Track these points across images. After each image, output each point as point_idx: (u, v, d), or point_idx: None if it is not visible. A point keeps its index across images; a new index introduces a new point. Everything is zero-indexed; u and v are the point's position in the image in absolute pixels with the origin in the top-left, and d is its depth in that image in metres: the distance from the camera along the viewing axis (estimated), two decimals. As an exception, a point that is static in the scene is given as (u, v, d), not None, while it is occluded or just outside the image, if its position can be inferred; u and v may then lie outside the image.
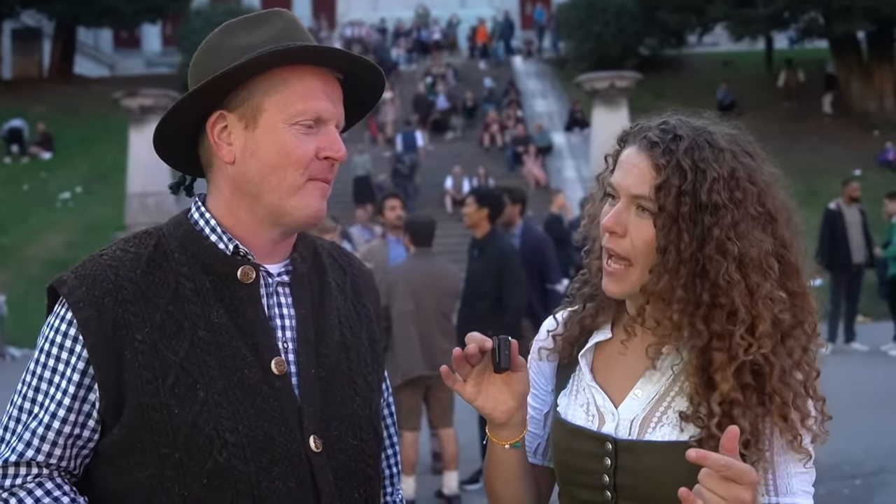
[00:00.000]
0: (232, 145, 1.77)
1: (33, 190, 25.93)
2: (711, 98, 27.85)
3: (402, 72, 33.73)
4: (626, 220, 1.80)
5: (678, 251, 1.74)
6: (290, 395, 1.75)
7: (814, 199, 15.50)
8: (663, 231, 1.75)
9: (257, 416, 1.70)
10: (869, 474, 7.42)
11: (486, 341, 1.78)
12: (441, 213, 21.50)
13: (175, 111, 1.79)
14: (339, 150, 1.78)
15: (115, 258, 1.76)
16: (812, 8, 28.10)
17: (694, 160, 1.75)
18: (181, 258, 1.77)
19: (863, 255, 13.64)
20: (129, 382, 1.67)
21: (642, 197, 1.77)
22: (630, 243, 1.79)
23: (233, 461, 1.67)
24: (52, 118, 29.53)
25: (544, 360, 2.01)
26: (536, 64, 34.80)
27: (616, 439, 1.80)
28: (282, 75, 1.75)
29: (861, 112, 28.70)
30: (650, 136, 1.80)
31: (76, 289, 1.71)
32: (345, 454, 1.80)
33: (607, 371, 1.90)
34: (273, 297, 1.81)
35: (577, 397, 1.91)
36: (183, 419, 1.67)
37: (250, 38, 1.78)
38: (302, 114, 1.75)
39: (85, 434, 1.71)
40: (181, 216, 1.85)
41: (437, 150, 26.74)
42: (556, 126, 27.30)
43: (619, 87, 20.28)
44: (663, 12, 29.97)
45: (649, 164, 1.77)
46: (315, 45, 1.79)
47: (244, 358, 1.73)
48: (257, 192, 1.77)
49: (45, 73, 36.76)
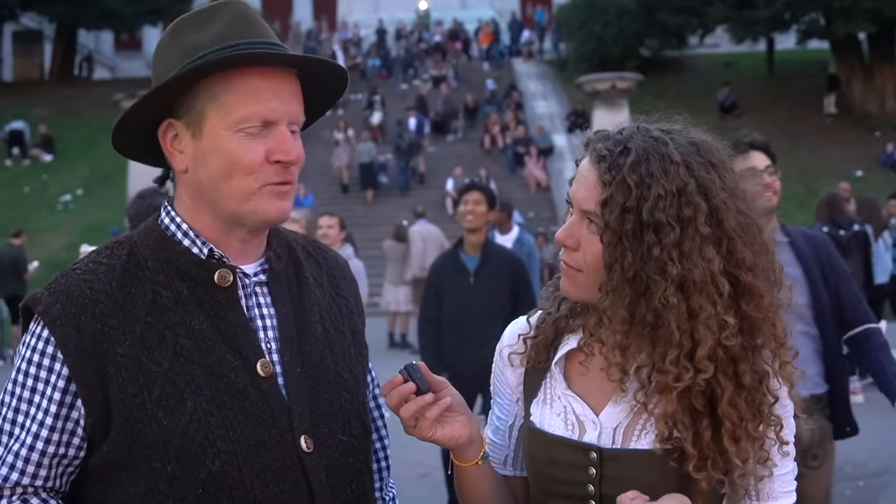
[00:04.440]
0: (183, 153, 1.72)
1: (34, 192, 25.94)
2: (712, 99, 27.87)
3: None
4: (578, 233, 1.76)
5: (622, 269, 1.68)
6: (277, 396, 1.72)
7: (815, 201, 15.45)
8: (608, 248, 1.69)
9: (247, 420, 1.68)
10: (872, 476, 7.41)
11: (395, 378, 1.76)
12: (442, 215, 21.51)
13: (123, 122, 1.75)
14: (289, 153, 1.70)
15: (88, 271, 1.71)
16: (813, 9, 28.09)
17: (640, 175, 1.67)
18: (155, 266, 1.72)
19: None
20: (115, 398, 1.63)
21: (590, 212, 1.73)
22: (582, 257, 1.75)
23: (226, 469, 1.64)
24: (52, 120, 29.55)
25: (513, 367, 1.94)
26: (537, 65, 34.80)
27: (601, 448, 1.76)
28: (224, 80, 1.67)
29: (862, 113, 28.68)
30: (600, 147, 1.73)
31: (51, 306, 1.66)
32: (335, 451, 1.77)
33: (583, 378, 1.84)
34: (252, 298, 1.78)
35: (552, 406, 1.84)
36: (173, 431, 1.63)
37: (198, 36, 1.71)
38: (246, 120, 1.67)
39: (70, 452, 1.67)
40: (151, 223, 1.80)
41: (438, 151, 26.74)
42: (556, 127, 27.30)
43: (619, 89, 20.29)
44: (664, 14, 29.98)
45: (596, 179, 1.72)
46: (252, 49, 1.69)
47: (229, 363, 1.69)
48: (212, 198, 1.72)
49: (45, 76, 36.78)
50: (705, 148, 1.74)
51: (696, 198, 1.67)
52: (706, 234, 1.66)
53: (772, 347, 1.72)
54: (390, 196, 24.58)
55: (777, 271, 1.77)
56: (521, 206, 20.98)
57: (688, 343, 1.66)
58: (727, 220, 1.69)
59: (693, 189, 1.67)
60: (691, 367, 1.66)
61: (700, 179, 1.68)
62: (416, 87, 30.95)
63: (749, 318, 1.70)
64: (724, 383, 1.68)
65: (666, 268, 1.65)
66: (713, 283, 1.66)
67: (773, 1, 26.80)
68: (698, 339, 1.66)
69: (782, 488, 1.77)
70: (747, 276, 1.69)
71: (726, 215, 1.69)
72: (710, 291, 1.66)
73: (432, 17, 39.03)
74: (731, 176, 1.75)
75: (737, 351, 1.68)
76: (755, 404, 1.70)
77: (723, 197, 1.69)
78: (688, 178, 1.68)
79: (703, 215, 1.66)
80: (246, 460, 1.66)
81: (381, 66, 34.67)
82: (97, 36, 42.56)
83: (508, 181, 23.90)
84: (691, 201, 1.66)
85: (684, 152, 1.70)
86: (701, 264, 1.65)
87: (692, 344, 1.66)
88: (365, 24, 39.11)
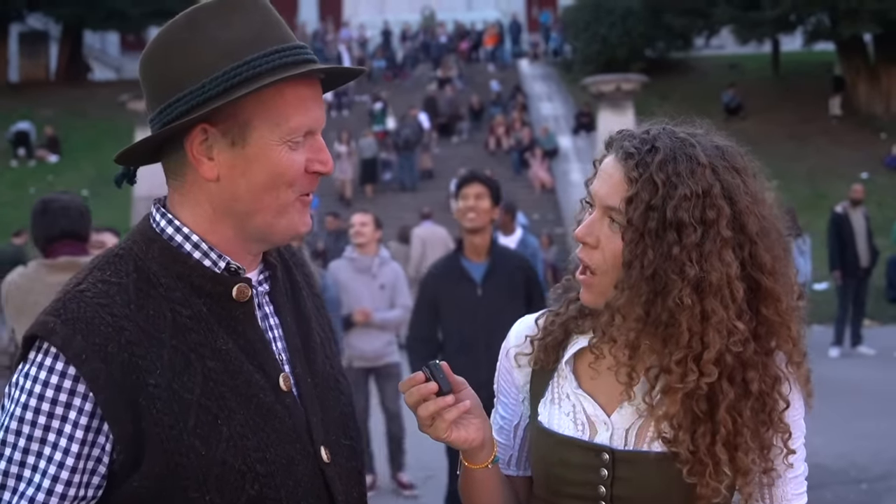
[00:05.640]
0: (214, 160, 1.60)
1: (40, 193, 25.82)
2: (718, 101, 27.84)
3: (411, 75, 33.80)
4: (598, 230, 1.75)
5: (641, 266, 1.67)
6: (297, 409, 1.68)
7: (821, 203, 15.48)
8: (629, 245, 1.69)
9: (279, 439, 1.62)
10: (875, 479, 7.39)
11: (417, 375, 1.74)
12: (447, 217, 21.51)
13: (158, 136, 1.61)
14: (327, 163, 1.66)
15: (100, 293, 1.56)
16: (819, 11, 28.04)
17: (668, 174, 1.67)
18: (168, 283, 1.60)
19: (868, 258, 13.57)
20: (149, 431, 1.52)
21: (613, 209, 1.72)
22: (601, 255, 1.74)
23: (265, 491, 1.59)
24: (58, 121, 29.59)
25: (520, 367, 1.94)
26: (543, 67, 34.78)
27: (614, 450, 1.75)
28: (276, 89, 1.59)
29: (868, 115, 28.63)
30: (627, 146, 1.73)
31: (70, 338, 1.51)
32: (343, 456, 1.75)
33: (593, 379, 1.83)
34: (260, 309, 1.71)
35: (560, 405, 1.84)
36: (212, 459, 1.55)
37: (228, 32, 1.59)
38: (296, 130, 1.61)
39: (89, 493, 1.55)
40: (148, 231, 1.66)
41: (443, 153, 26.74)
42: (562, 129, 27.28)
43: (624, 90, 20.24)
44: (669, 15, 29.93)
45: (622, 176, 1.71)
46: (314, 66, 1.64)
47: (257, 382, 1.62)
48: (248, 211, 1.62)
49: (51, 77, 36.85)
50: (729, 153, 1.75)
51: (720, 201, 1.68)
52: (727, 237, 1.67)
53: (787, 350, 1.73)
54: (392, 194, 24.55)
55: (793, 276, 1.77)
56: (525, 207, 20.96)
57: (697, 346, 1.66)
58: (749, 224, 1.69)
59: (718, 192, 1.68)
60: (696, 370, 1.66)
61: (725, 183, 1.69)
62: (423, 87, 30.94)
63: (767, 322, 1.71)
64: (727, 389, 1.67)
65: (684, 268, 1.65)
66: (728, 288, 1.66)
67: (779, 2, 26.75)
68: (707, 342, 1.66)
69: (795, 490, 1.77)
70: (768, 281, 1.70)
71: (748, 220, 1.69)
72: (725, 295, 1.66)
73: (437, 18, 39.00)
74: (754, 182, 1.75)
75: (747, 357, 1.68)
76: (765, 410, 1.70)
77: (746, 201, 1.70)
78: (713, 181, 1.68)
79: (726, 219, 1.67)
80: (282, 480, 1.61)
81: (387, 67, 34.69)
82: (103, 37, 42.64)
83: (513, 183, 23.85)
84: (715, 204, 1.67)
85: (711, 155, 1.71)
86: (719, 267, 1.66)
87: (701, 347, 1.66)
88: (370, 25, 39.12)
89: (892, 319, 16.55)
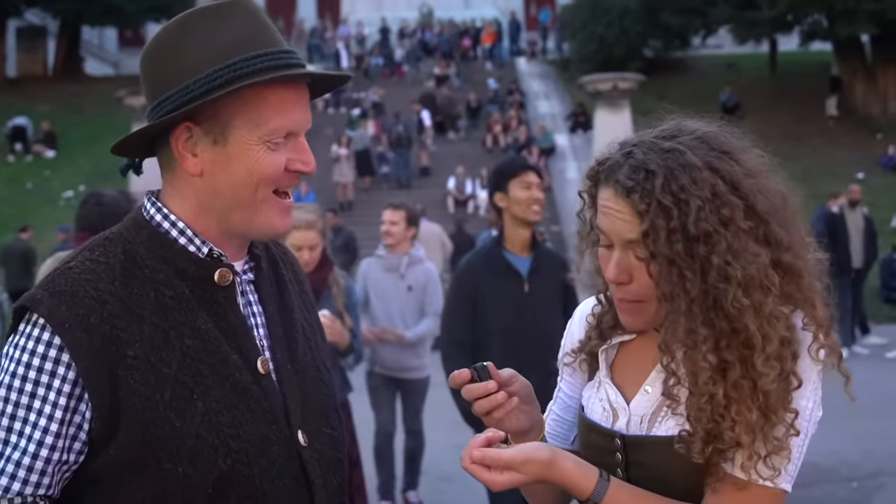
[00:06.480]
0: (197, 157, 1.70)
1: (37, 188, 25.96)
2: (715, 100, 27.85)
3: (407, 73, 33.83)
4: (627, 266, 1.73)
5: (685, 291, 1.65)
6: (274, 393, 1.75)
7: (817, 203, 15.48)
8: (664, 277, 1.67)
9: (253, 418, 1.70)
10: (866, 477, 7.42)
11: (464, 374, 1.77)
12: (443, 214, 21.52)
13: (143, 131, 1.72)
14: (308, 163, 1.73)
15: (87, 270, 1.67)
16: (816, 11, 28.08)
17: (674, 194, 1.65)
18: (154, 265, 1.70)
19: (861, 258, 13.54)
20: (126, 401, 1.61)
21: (635, 241, 1.70)
22: (638, 287, 1.73)
23: (237, 467, 1.66)
24: (55, 116, 29.58)
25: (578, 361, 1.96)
26: (540, 65, 34.80)
27: (624, 435, 1.79)
28: (256, 91, 1.67)
29: (864, 115, 28.69)
30: (622, 179, 1.69)
31: (56, 308, 1.61)
32: (322, 444, 1.82)
33: (623, 367, 1.87)
34: (244, 296, 1.80)
35: (597, 391, 1.88)
36: (186, 432, 1.63)
37: (215, 38, 1.68)
38: (275, 132, 1.68)
39: (71, 458, 1.64)
40: (138, 218, 1.78)
41: (440, 150, 26.76)
42: (559, 127, 27.31)
43: (621, 89, 20.25)
44: (667, 14, 29.98)
45: (631, 211, 1.68)
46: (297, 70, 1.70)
47: (234, 362, 1.71)
48: (228, 206, 1.72)
49: (49, 72, 36.82)
50: (713, 139, 1.73)
51: (729, 196, 1.66)
52: (747, 228, 1.65)
53: (812, 330, 1.69)
54: (388, 190, 24.55)
55: (811, 246, 1.75)
56: (522, 205, 20.95)
57: (762, 343, 1.64)
58: (758, 204, 1.68)
59: (723, 188, 1.66)
60: (768, 367, 1.63)
61: (725, 174, 1.68)
62: (421, 84, 30.97)
63: (792, 300, 1.69)
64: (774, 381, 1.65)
65: (727, 272, 1.63)
66: (766, 276, 1.65)
67: (776, 2, 26.78)
68: (764, 335, 1.64)
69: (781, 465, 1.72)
70: (787, 257, 1.68)
71: (757, 200, 1.68)
72: (766, 285, 1.65)
73: (436, 16, 39.02)
74: (746, 156, 1.74)
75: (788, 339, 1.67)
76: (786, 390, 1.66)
77: (748, 183, 1.69)
78: (714, 179, 1.66)
79: (741, 211, 1.66)
80: (255, 457, 1.68)
81: (385, 64, 34.70)
82: (100, 32, 42.60)
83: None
84: (726, 201, 1.65)
85: (700, 153, 1.69)
86: (753, 259, 1.64)
87: (763, 344, 1.64)
88: (368, 22, 39.12)
89: (887, 319, 16.58)
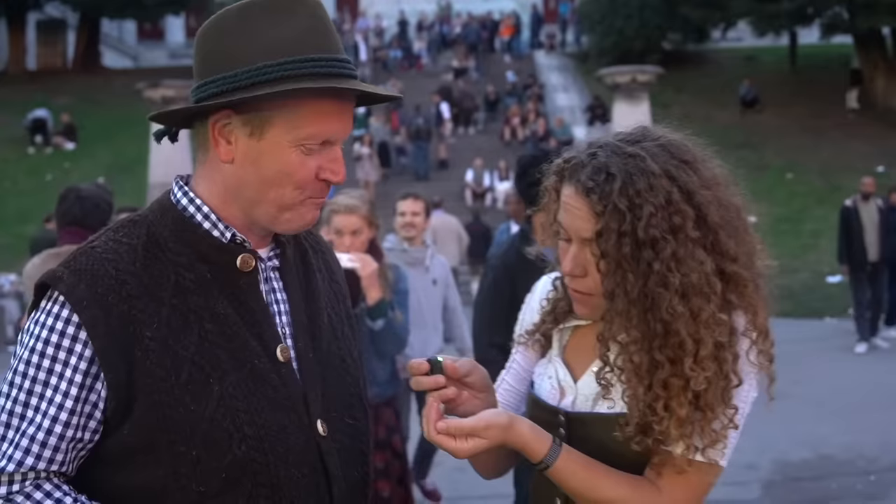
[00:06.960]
0: (231, 145, 1.69)
1: (56, 180, 26.07)
2: (734, 94, 27.72)
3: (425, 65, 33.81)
4: (583, 261, 1.80)
5: (625, 292, 1.73)
6: (294, 381, 1.74)
7: (836, 196, 15.43)
8: (609, 276, 1.75)
9: (270, 406, 1.69)
10: (884, 470, 7.38)
11: (423, 365, 1.79)
12: (461, 207, 21.54)
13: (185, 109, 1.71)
14: (338, 174, 1.72)
15: (109, 250, 1.67)
16: (836, 3, 27.88)
17: (629, 198, 1.71)
18: (176, 248, 1.70)
19: (877, 252, 13.42)
20: (140, 381, 1.60)
21: (589, 240, 1.77)
22: (592, 281, 1.81)
23: (251, 453, 1.65)
24: (75, 109, 29.74)
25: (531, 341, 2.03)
26: (559, 58, 34.73)
27: (568, 412, 1.85)
28: (300, 95, 1.66)
29: (885, 108, 28.45)
30: (583, 179, 1.76)
31: (75, 286, 1.62)
32: (344, 434, 1.81)
33: (576, 349, 1.93)
34: (267, 283, 1.79)
35: (546, 369, 1.95)
36: (200, 415, 1.62)
37: (274, 32, 1.66)
38: (311, 138, 1.68)
39: (86, 436, 1.64)
40: (165, 202, 1.77)
41: (459, 143, 26.76)
42: (577, 120, 27.25)
43: (640, 82, 20.16)
44: (686, 7, 29.81)
45: (589, 210, 1.75)
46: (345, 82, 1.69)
47: (253, 348, 1.70)
48: (253, 199, 1.71)
49: (69, 65, 36.99)
50: (676, 147, 1.79)
51: (682, 205, 1.72)
52: (695, 237, 1.72)
53: (752, 337, 1.77)
54: (405, 181, 24.56)
55: (760, 256, 1.82)
56: (540, 198, 20.94)
57: (693, 347, 1.72)
58: (710, 214, 1.74)
59: (678, 197, 1.73)
60: (697, 368, 1.71)
61: (681, 183, 1.74)
62: (439, 77, 30.94)
63: (734, 306, 1.77)
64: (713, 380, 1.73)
65: (667, 279, 1.71)
66: (707, 284, 1.72)
67: (797, -5, 26.64)
68: (698, 339, 1.71)
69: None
70: (732, 267, 1.75)
71: (709, 210, 1.74)
72: (706, 292, 1.72)
73: (454, 8, 38.98)
74: (705, 166, 1.80)
75: (724, 342, 1.74)
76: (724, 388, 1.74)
77: (703, 194, 1.75)
78: (671, 187, 1.73)
79: (691, 220, 1.72)
80: (271, 445, 1.67)
81: (403, 57, 34.69)
82: (120, 25, 42.74)
83: (528, 173, 23.81)
84: (679, 209, 1.72)
85: (660, 161, 1.75)
86: (696, 267, 1.71)
87: (696, 346, 1.72)
88: (387, 15, 39.13)
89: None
